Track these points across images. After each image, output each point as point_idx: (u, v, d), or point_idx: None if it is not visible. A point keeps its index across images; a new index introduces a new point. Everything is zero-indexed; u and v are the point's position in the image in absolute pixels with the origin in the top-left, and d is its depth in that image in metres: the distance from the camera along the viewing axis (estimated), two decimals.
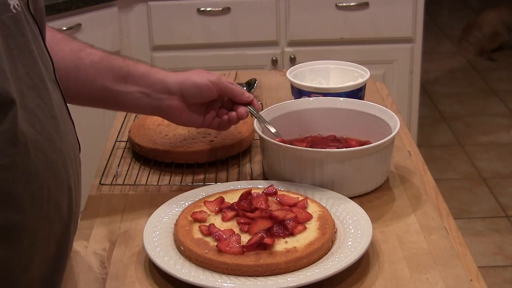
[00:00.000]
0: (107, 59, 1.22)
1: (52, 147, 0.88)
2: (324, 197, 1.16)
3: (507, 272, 2.70)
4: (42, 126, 0.87)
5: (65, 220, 0.93)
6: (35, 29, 0.91)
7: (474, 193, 3.21)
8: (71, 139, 0.96)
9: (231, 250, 1.01)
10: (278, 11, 2.79)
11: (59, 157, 0.90)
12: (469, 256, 1.18)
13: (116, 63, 1.22)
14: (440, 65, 4.72)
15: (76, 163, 0.96)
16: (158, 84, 1.22)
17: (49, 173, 0.87)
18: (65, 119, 0.94)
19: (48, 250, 0.91)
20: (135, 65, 1.23)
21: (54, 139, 0.89)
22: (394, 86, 2.87)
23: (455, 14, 5.70)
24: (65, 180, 0.91)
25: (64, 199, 0.91)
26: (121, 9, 2.70)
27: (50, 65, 0.94)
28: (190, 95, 1.23)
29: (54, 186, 0.89)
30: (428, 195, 1.23)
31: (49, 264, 0.92)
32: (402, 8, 2.78)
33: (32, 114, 0.85)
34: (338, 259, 1.01)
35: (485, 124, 3.88)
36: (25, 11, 0.88)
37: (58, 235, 0.92)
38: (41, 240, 0.88)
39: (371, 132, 1.31)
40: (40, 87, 0.88)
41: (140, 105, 1.23)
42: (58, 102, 0.93)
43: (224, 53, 2.85)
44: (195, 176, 1.31)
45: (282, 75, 1.77)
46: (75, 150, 0.97)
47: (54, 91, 0.93)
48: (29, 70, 0.86)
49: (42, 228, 0.88)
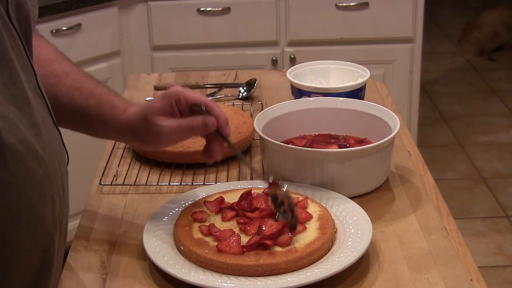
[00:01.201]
0: (72, 92, 1.13)
1: (33, 157, 0.86)
2: (324, 197, 1.16)
3: (507, 272, 2.70)
4: (22, 135, 0.84)
5: (50, 231, 0.91)
6: (16, 36, 0.88)
7: (474, 193, 3.21)
8: (56, 149, 0.93)
9: (231, 250, 1.01)
10: (278, 11, 2.79)
11: (41, 167, 0.87)
12: (469, 256, 1.18)
13: (77, 100, 1.13)
14: (440, 65, 4.72)
15: (61, 173, 0.93)
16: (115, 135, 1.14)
17: (30, 183, 0.85)
18: (48, 129, 0.92)
19: (31, 261, 0.89)
20: (95, 106, 1.12)
21: (36, 149, 0.86)
22: (394, 86, 2.87)
23: (455, 14, 5.70)
24: (48, 190, 0.89)
25: (47, 209, 0.89)
26: (121, 9, 2.70)
27: (32, 73, 0.91)
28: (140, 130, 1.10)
29: (35, 196, 0.86)
30: (428, 195, 1.23)
31: (31, 275, 0.89)
32: (402, 8, 2.78)
33: (11, 123, 0.83)
34: (338, 259, 1.01)
35: (485, 124, 3.88)
36: (5, 18, 0.86)
37: (42, 246, 0.90)
38: (21, 252, 0.86)
39: (371, 132, 1.31)
40: (18, 96, 0.85)
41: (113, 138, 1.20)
42: (40, 112, 0.90)
43: (224, 53, 2.85)
44: (195, 176, 1.31)
45: (282, 75, 1.77)
46: (60, 160, 0.94)
47: (36, 100, 0.90)
48: (5, 80, 0.84)
49: (22, 239, 0.86)
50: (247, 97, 1.67)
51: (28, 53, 0.92)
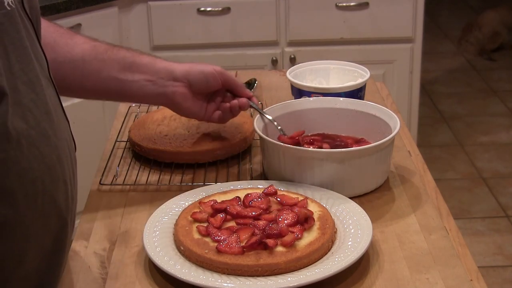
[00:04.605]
0: (111, 50, 1.24)
1: (46, 142, 0.88)
2: (324, 197, 1.16)
3: (507, 272, 2.70)
4: (36, 121, 0.87)
5: (63, 214, 0.93)
6: (30, 26, 0.91)
7: (474, 193, 3.21)
8: (66, 136, 0.96)
9: (231, 250, 1.01)
10: (278, 11, 2.79)
11: (54, 152, 0.90)
12: (469, 256, 1.18)
13: (121, 54, 1.24)
14: (440, 65, 4.72)
15: (72, 159, 0.96)
16: (163, 72, 1.25)
17: (43, 167, 0.88)
18: (59, 116, 0.95)
19: (44, 244, 0.91)
20: (139, 55, 1.26)
21: (49, 135, 0.89)
22: (394, 86, 2.87)
23: (455, 14, 5.71)
24: (61, 175, 0.92)
25: (60, 194, 0.92)
26: (121, 9, 2.70)
27: (44, 62, 0.95)
28: (196, 83, 1.25)
29: (49, 181, 0.89)
30: (428, 195, 1.23)
31: (44, 259, 0.92)
32: (402, 8, 2.78)
33: (26, 109, 0.86)
34: (338, 259, 1.01)
35: (485, 124, 3.88)
36: (19, 8, 0.89)
37: (54, 230, 0.92)
38: (35, 235, 0.89)
39: (371, 132, 1.31)
40: (35, 82, 0.89)
41: (146, 93, 1.25)
42: (52, 99, 0.93)
43: (224, 53, 2.85)
44: (195, 176, 1.31)
45: (282, 75, 1.77)
46: (70, 147, 0.97)
47: (48, 88, 0.93)
48: (23, 66, 0.87)
49: (36, 223, 0.88)
50: None
51: (39, 41, 0.94)
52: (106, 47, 1.24)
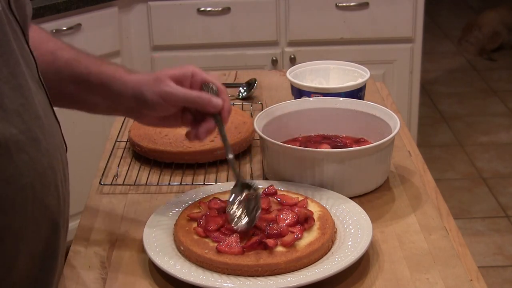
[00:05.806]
0: (71, 63, 1.12)
1: (37, 147, 0.86)
2: (324, 197, 1.16)
3: (507, 272, 2.70)
4: (26, 126, 0.85)
5: (55, 218, 0.91)
6: (18, 29, 0.89)
7: (474, 193, 3.21)
8: (57, 140, 0.94)
9: (231, 250, 1.01)
10: (278, 11, 2.79)
11: (45, 157, 0.88)
12: (469, 256, 1.18)
13: (77, 70, 1.12)
14: (440, 65, 4.72)
15: (63, 163, 0.95)
16: (117, 97, 1.12)
17: (34, 173, 0.86)
18: (50, 120, 0.92)
19: (35, 250, 0.89)
20: (97, 73, 1.12)
21: (40, 139, 0.87)
22: (394, 86, 2.87)
23: (455, 14, 5.71)
24: (52, 180, 0.90)
25: (51, 198, 0.90)
26: (121, 9, 2.70)
27: (34, 65, 0.92)
28: (147, 112, 1.11)
29: (39, 186, 0.87)
30: (428, 195, 1.23)
31: (36, 264, 0.90)
32: (402, 8, 2.78)
33: (14, 114, 0.83)
34: (338, 259, 1.01)
35: (485, 124, 3.88)
36: (6, 11, 0.87)
37: (46, 234, 0.91)
38: (26, 241, 0.87)
39: (371, 132, 1.31)
40: (24, 86, 0.86)
41: (110, 112, 1.18)
42: (42, 103, 0.91)
43: (224, 53, 2.85)
44: (195, 176, 1.31)
45: (282, 75, 1.77)
46: (61, 151, 0.95)
47: (38, 91, 0.91)
48: (11, 70, 0.85)
49: (27, 229, 0.86)
50: (247, 97, 1.67)
51: (28, 44, 0.92)
52: (67, 60, 1.12)
